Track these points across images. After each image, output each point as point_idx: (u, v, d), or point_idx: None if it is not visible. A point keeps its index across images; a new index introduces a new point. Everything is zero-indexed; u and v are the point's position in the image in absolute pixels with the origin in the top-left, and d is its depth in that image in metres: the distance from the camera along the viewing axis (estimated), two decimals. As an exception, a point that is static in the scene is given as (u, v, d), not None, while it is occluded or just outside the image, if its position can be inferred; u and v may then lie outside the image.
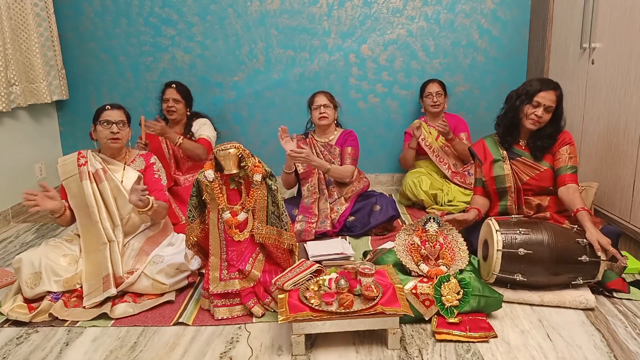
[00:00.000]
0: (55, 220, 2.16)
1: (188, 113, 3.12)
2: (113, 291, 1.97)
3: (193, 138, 3.03)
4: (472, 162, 3.35)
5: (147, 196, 2.06)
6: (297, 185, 3.01)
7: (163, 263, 2.08)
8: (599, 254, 1.88)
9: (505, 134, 2.32)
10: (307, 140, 2.96)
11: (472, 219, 2.26)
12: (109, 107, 2.24)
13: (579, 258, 1.89)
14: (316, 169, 2.87)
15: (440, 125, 3.15)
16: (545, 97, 2.16)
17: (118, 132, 2.20)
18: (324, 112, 2.85)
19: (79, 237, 2.18)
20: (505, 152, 2.32)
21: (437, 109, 3.38)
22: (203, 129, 3.08)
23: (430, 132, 3.36)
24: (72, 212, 2.18)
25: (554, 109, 2.19)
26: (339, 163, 2.88)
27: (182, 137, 2.93)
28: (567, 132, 2.27)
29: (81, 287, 2.03)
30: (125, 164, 2.28)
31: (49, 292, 1.98)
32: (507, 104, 2.31)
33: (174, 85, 3.05)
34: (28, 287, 1.95)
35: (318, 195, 2.85)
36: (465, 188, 3.22)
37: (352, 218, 2.78)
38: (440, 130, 3.18)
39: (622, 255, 1.92)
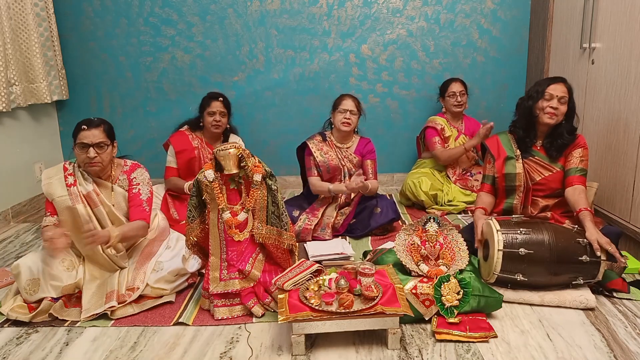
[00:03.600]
0: None
1: (228, 127, 3.01)
2: (114, 303, 1.94)
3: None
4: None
5: (105, 230, 1.94)
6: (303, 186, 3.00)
7: (163, 270, 2.06)
8: (598, 253, 1.88)
9: (524, 137, 2.30)
10: (327, 142, 2.86)
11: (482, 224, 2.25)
12: (85, 127, 1.99)
13: (580, 258, 1.90)
14: (341, 176, 2.84)
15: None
16: (557, 89, 2.16)
17: (96, 157, 1.99)
18: (349, 119, 2.75)
19: None
20: (519, 150, 2.30)
21: (460, 109, 3.36)
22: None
23: (451, 131, 3.36)
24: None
25: (567, 101, 2.18)
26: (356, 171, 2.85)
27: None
28: (582, 136, 2.27)
29: (80, 290, 2.01)
30: (112, 184, 2.12)
31: (48, 295, 1.97)
32: (519, 109, 2.30)
33: (220, 99, 2.91)
34: (27, 293, 1.93)
35: (330, 202, 2.83)
36: (466, 189, 3.23)
37: (353, 220, 2.78)
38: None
39: (622, 255, 1.92)
